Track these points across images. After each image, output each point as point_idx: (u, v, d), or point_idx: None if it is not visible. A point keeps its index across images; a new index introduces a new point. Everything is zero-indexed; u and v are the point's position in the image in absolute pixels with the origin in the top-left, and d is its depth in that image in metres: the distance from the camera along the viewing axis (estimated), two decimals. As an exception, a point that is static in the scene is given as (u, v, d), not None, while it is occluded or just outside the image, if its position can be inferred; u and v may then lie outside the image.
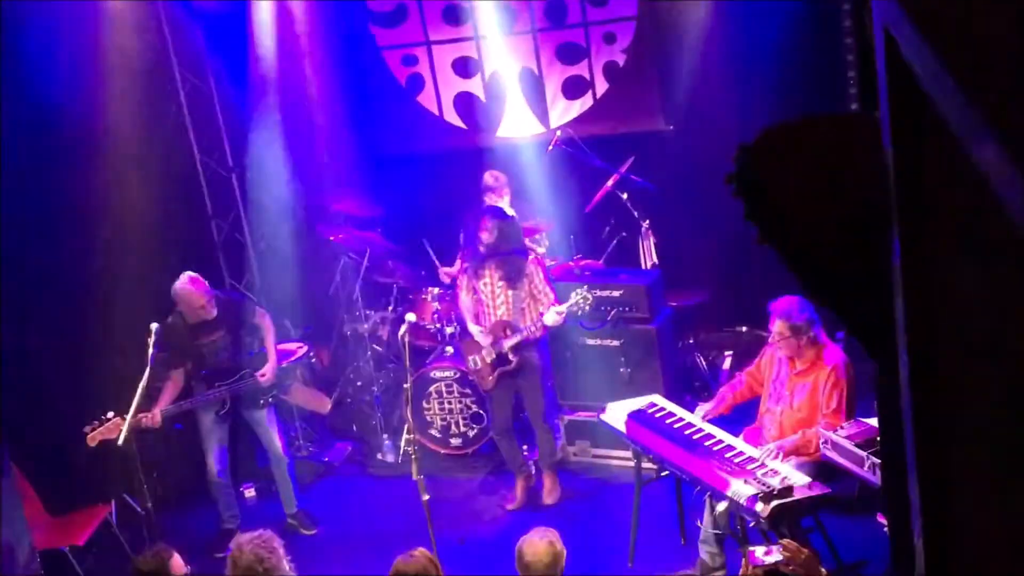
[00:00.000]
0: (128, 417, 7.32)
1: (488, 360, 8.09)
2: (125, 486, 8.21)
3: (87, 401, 8.21)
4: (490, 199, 9.20)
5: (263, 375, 8.11)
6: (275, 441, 8.28)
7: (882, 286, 1.64)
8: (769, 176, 1.77)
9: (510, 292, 8.00)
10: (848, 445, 6.19)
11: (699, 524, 6.85)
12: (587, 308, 8.03)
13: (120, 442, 7.30)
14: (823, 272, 1.73)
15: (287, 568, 5.67)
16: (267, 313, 8.39)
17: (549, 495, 8.31)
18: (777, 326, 6.80)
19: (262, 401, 8.15)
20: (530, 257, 8.13)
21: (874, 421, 6.18)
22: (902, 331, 1.59)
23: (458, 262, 8.88)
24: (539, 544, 5.26)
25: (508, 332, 7.99)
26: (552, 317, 7.91)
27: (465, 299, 8.29)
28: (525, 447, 8.71)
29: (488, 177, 9.27)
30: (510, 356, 8.01)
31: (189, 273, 7.92)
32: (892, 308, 1.62)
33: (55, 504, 8.07)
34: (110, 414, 7.49)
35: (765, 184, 1.77)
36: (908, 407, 1.63)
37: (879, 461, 5.72)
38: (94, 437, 7.49)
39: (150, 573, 5.69)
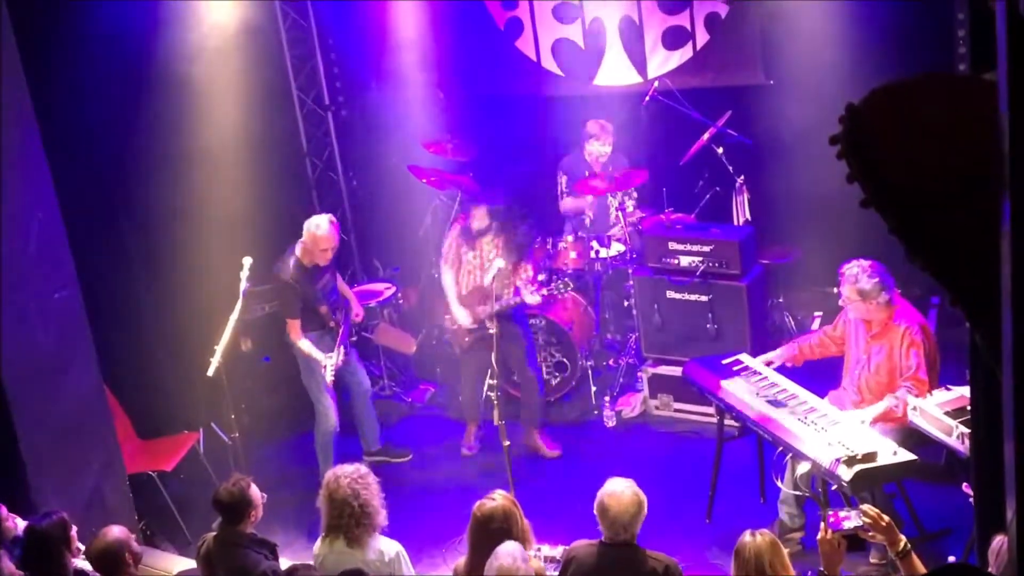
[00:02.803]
0: (218, 348, 7.42)
1: (466, 324, 8.26)
2: (213, 416, 8.37)
3: (178, 328, 8.37)
4: (591, 145, 9.14)
5: (357, 314, 8.23)
6: (365, 379, 8.37)
7: (989, 252, 1.60)
8: (878, 138, 1.73)
9: (499, 262, 8.05)
10: (937, 413, 6.11)
11: (779, 484, 6.82)
12: (566, 292, 8.24)
13: (210, 373, 7.43)
14: (929, 236, 1.69)
15: (380, 504, 5.77)
16: None
17: (526, 446, 8.42)
18: (845, 290, 6.83)
19: (353, 339, 8.22)
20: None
21: (964, 390, 6.08)
22: (1008, 298, 1.55)
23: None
24: (623, 496, 5.29)
25: (486, 300, 8.03)
26: (532, 298, 8.02)
27: (449, 275, 8.35)
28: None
29: (592, 125, 9.17)
30: (488, 324, 7.90)
31: (329, 216, 7.78)
32: (998, 274, 1.59)
33: (144, 428, 8.25)
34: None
35: (874, 146, 1.72)
36: (1009, 375, 1.59)
37: (968, 430, 5.64)
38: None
39: (231, 503, 5.82)
